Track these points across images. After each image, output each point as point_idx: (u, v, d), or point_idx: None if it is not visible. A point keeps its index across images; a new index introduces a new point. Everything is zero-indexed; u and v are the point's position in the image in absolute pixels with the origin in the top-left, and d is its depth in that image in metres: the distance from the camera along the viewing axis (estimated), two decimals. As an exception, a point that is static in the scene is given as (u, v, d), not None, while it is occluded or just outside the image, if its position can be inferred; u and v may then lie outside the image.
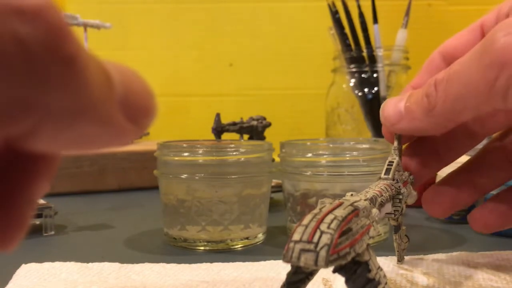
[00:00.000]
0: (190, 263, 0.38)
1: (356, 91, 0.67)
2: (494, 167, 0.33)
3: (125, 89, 0.14)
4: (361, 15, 0.68)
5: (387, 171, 0.30)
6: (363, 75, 0.67)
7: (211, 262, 0.38)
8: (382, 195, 0.27)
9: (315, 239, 0.18)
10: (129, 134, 0.14)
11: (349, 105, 0.69)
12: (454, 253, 0.40)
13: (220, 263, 0.37)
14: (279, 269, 0.35)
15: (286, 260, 0.18)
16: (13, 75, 0.10)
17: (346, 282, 0.21)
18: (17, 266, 0.36)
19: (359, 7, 0.68)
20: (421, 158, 0.34)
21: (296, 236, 0.18)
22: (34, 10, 0.10)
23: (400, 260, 0.35)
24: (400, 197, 0.30)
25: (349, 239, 0.19)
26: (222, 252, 0.43)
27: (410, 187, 0.32)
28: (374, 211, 0.24)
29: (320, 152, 0.46)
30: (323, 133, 0.73)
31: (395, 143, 0.32)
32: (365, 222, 0.22)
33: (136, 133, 0.15)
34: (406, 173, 0.32)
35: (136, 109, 0.14)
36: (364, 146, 0.48)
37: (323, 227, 0.18)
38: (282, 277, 0.24)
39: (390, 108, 0.31)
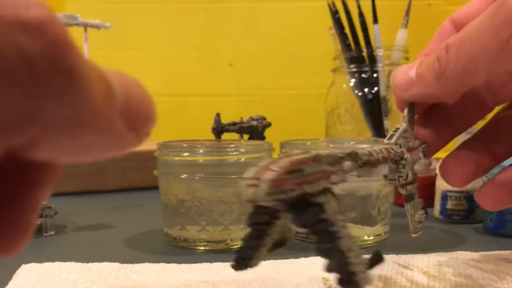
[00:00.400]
0: (190, 263, 0.38)
1: (356, 91, 0.67)
2: (508, 133, 0.32)
3: (125, 97, 0.14)
4: (361, 15, 0.68)
5: (391, 136, 0.30)
6: (363, 75, 0.67)
7: (211, 262, 0.38)
8: (371, 155, 0.27)
9: (261, 175, 0.20)
10: (129, 142, 0.15)
11: (349, 105, 0.69)
12: (454, 253, 0.40)
13: (220, 263, 0.37)
14: (279, 269, 0.35)
15: (241, 195, 0.20)
16: (17, 87, 0.10)
17: (293, 219, 0.21)
18: (17, 266, 0.36)
19: (359, 7, 0.68)
20: (434, 126, 0.33)
21: (247, 174, 0.20)
22: (38, 23, 0.11)
23: (415, 233, 0.34)
24: (403, 162, 0.30)
25: (298, 178, 0.20)
26: (222, 252, 0.43)
27: (420, 155, 0.31)
28: (347, 163, 0.24)
29: (320, 152, 0.46)
30: (323, 133, 0.73)
31: (405, 111, 0.31)
32: (326, 168, 0.22)
33: (136, 141, 0.15)
34: (417, 141, 0.32)
35: (136, 117, 0.14)
36: (364, 146, 0.48)
37: (273, 166, 0.20)
38: (282, 276, 0.24)
39: (401, 75, 0.30)
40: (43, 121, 0.11)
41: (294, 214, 0.21)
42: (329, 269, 0.21)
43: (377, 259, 0.23)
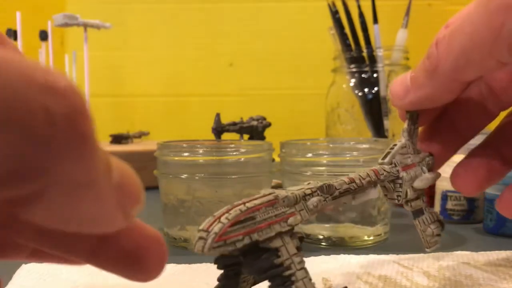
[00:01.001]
0: (190, 263, 0.38)
1: (356, 91, 0.67)
2: None
3: (120, 176, 0.15)
4: (361, 15, 0.68)
5: (386, 155, 0.30)
6: (363, 75, 0.67)
7: (211, 262, 0.38)
8: (352, 182, 0.26)
9: (211, 228, 0.20)
10: (116, 221, 0.15)
11: (349, 105, 0.69)
12: (454, 253, 0.40)
13: (220, 263, 0.37)
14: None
15: (192, 247, 0.20)
16: (37, 140, 0.11)
17: (247, 267, 0.21)
18: (17, 266, 0.36)
19: (359, 7, 0.68)
20: (440, 137, 0.32)
21: (201, 226, 0.20)
22: (64, 90, 0.12)
23: (429, 247, 0.33)
24: (400, 181, 0.29)
25: (245, 228, 0.20)
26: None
27: (424, 169, 0.31)
28: (313, 200, 0.23)
29: (320, 152, 0.46)
30: (323, 133, 0.73)
31: (405, 124, 0.31)
32: (283, 210, 0.22)
33: (123, 222, 0.15)
34: (420, 156, 0.31)
35: (127, 198, 0.15)
36: (364, 146, 0.48)
37: (224, 217, 0.20)
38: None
39: (397, 84, 0.30)
40: (51, 176, 0.12)
41: (246, 262, 0.21)
42: None
43: None
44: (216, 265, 0.23)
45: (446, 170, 0.54)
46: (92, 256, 0.18)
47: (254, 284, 0.25)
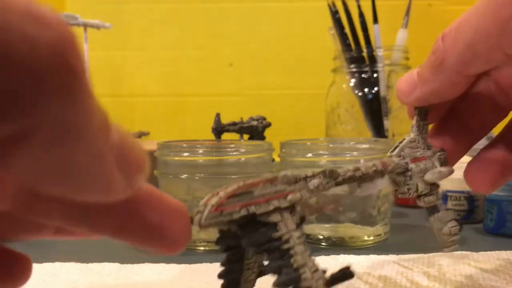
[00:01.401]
0: (190, 263, 0.38)
1: (356, 91, 0.67)
2: None
3: (121, 140, 0.14)
4: (361, 15, 0.68)
5: (395, 148, 0.29)
6: (363, 75, 0.67)
7: (211, 262, 0.38)
8: (357, 170, 0.26)
9: (209, 202, 0.20)
10: (118, 187, 0.14)
11: (349, 105, 0.69)
12: (455, 253, 0.40)
13: (220, 263, 0.37)
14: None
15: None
16: (21, 69, 0.10)
17: (244, 239, 0.21)
18: (17, 266, 0.36)
19: (359, 7, 0.68)
20: (452, 134, 0.31)
21: (201, 201, 0.21)
22: (50, 19, 0.11)
23: (447, 247, 0.31)
24: (409, 173, 0.29)
25: (242, 201, 0.21)
26: (222, 253, 0.43)
27: (435, 163, 0.30)
28: (315, 181, 0.23)
29: (320, 152, 0.46)
30: (323, 133, 0.73)
31: (414, 120, 0.30)
32: (283, 188, 0.22)
33: (126, 189, 0.14)
34: (431, 150, 0.30)
35: (129, 163, 0.14)
36: (364, 146, 0.48)
37: (222, 192, 0.21)
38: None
39: (403, 80, 0.29)
40: (38, 114, 0.11)
41: (244, 234, 0.21)
42: (278, 284, 0.21)
43: (344, 275, 0.22)
44: (218, 247, 0.23)
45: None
46: (118, 231, 0.18)
47: (260, 274, 0.24)
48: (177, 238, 0.19)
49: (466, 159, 0.47)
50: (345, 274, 0.22)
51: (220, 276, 0.24)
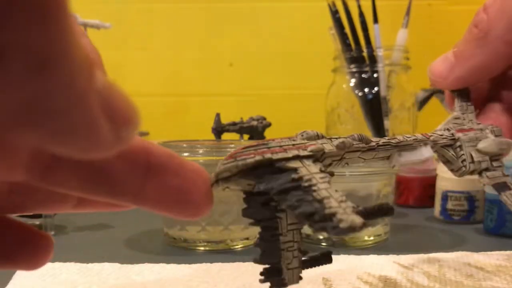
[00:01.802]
0: (190, 263, 0.38)
1: (356, 91, 0.67)
2: None
3: (107, 87, 0.12)
4: (361, 15, 0.68)
5: (440, 126, 0.27)
6: (363, 75, 0.67)
7: (211, 262, 0.38)
8: (393, 138, 0.24)
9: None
10: (105, 139, 0.13)
11: (349, 105, 0.69)
12: (455, 253, 0.40)
13: (220, 263, 0.37)
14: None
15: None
16: None
17: (262, 184, 0.19)
18: (17, 266, 0.36)
19: (359, 7, 0.68)
20: (501, 109, 0.29)
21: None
22: None
23: None
24: (458, 143, 0.26)
25: (258, 150, 0.20)
26: (222, 252, 0.43)
27: (488, 134, 0.27)
28: (341, 139, 0.23)
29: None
30: (323, 133, 0.73)
31: (455, 102, 0.28)
32: (303, 142, 0.21)
33: (116, 143, 0.13)
34: (482, 125, 0.27)
35: (118, 114, 0.13)
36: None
37: (244, 144, 0.20)
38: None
39: (438, 63, 0.28)
40: (7, 32, 0.09)
41: (262, 180, 0.19)
42: (298, 215, 0.18)
43: (382, 211, 0.21)
44: (247, 218, 0.21)
45: (445, 170, 0.54)
46: (139, 197, 0.17)
47: (306, 264, 0.22)
48: (199, 201, 0.18)
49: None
50: (383, 209, 0.21)
51: (256, 260, 0.21)
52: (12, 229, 0.19)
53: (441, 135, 0.26)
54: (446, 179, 0.54)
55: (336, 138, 0.22)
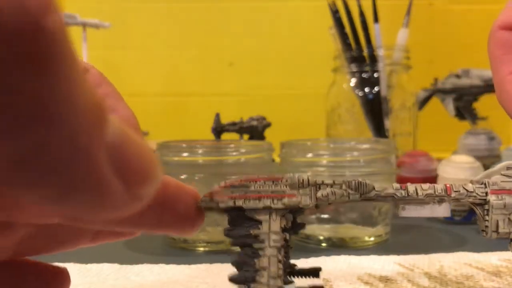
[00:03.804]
0: (189, 264, 0.37)
1: (357, 91, 0.67)
2: None
3: (122, 140, 0.11)
4: (362, 15, 0.68)
5: (482, 174, 0.23)
6: (363, 75, 0.67)
7: (211, 263, 0.38)
8: (403, 189, 0.22)
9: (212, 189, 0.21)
10: (115, 197, 0.11)
11: (350, 104, 0.69)
12: (456, 253, 0.40)
13: (219, 264, 0.37)
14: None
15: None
16: None
17: (227, 229, 0.21)
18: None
19: (359, 6, 0.68)
20: None
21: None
22: None
23: None
24: (487, 207, 0.23)
25: (235, 193, 0.21)
26: (221, 253, 0.42)
27: None
28: (326, 190, 0.21)
29: (321, 152, 0.46)
30: (323, 133, 0.73)
31: None
32: (282, 189, 0.21)
33: (127, 201, 0.12)
34: None
35: (132, 170, 0.12)
36: (364, 146, 0.48)
37: (226, 181, 0.21)
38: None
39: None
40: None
41: (229, 223, 0.21)
42: (230, 279, 0.21)
43: (312, 274, 0.22)
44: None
45: (446, 170, 0.54)
46: (155, 226, 0.18)
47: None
48: (198, 221, 0.19)
49: (467, 159, 0.47)
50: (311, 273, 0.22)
51: (232, 279, 0.22)
52: (31, 270, 0.19)
53: (470, 192, 0.23)
54: (447, 179, 0.54)
55: (327, 186, 0.21)
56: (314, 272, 0.23)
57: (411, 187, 0.22)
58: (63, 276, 0.20)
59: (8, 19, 0.09)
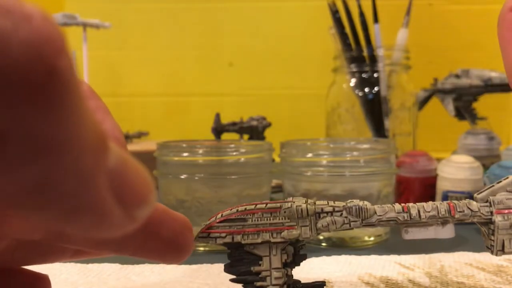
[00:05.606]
0: (190, 264, 0.38)
1: (357, 91, 0.67)
2: None
3: (120, 165, 0.12)
4: (362, 15, 0.68)
5: (485, 189, 0.23)
6: (363, 75, 0.67)
7: (212, 263, 0.38)
8: (405, 212, 0.22)
9: (209, 220, 0.21)
10: (114, 220, 0.12)
11: (350, 105, 0.69)
12: (456, 253, 0.40)
13: (220, 264, 0.37)
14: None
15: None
16: None
17: (227, 265, 0.21)
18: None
19: (359, 6, 0.68)
20: None
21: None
22: (27, 14, 0.09)
23: None
24: (492, 227, 0.23)
25: (232, 227, 0.21)
26: (222, 253, 0.42)
27: None
28: (326, 219, 0.21)
29: (321, 152, 0.46)
30: (323, 133, 0.73)
31: None
32: (280, 221, 0.21)
33: (124, 223, 0.13)
34: None
35: (129, 193, 0.13)
36: (364, 146, 0.48)
37: (222, 213, 0.21)
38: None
39: None
40: (4, 121, 0.09)
41: (230, 258, 0.21)
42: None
43: None
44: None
45: (445, 170, 0.54)
46: (138, 250, 0.18)
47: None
48: (185, 249, 0.19)
49: (467, 159, 0.47)
50: None
51: None
52: (15, 276, 0.20)
53: (475, 211, 0.22)
54: (446, 179, 0.54)
55: (326, 214, 0.21)
56: (318, 287, 0.23)
57: (413, 209, 0.22)
58: (44, 283, 0.20)
59: (25, 61, 0.09)
